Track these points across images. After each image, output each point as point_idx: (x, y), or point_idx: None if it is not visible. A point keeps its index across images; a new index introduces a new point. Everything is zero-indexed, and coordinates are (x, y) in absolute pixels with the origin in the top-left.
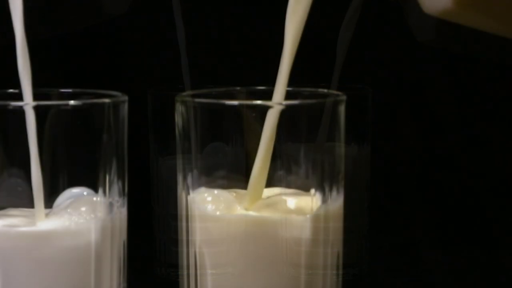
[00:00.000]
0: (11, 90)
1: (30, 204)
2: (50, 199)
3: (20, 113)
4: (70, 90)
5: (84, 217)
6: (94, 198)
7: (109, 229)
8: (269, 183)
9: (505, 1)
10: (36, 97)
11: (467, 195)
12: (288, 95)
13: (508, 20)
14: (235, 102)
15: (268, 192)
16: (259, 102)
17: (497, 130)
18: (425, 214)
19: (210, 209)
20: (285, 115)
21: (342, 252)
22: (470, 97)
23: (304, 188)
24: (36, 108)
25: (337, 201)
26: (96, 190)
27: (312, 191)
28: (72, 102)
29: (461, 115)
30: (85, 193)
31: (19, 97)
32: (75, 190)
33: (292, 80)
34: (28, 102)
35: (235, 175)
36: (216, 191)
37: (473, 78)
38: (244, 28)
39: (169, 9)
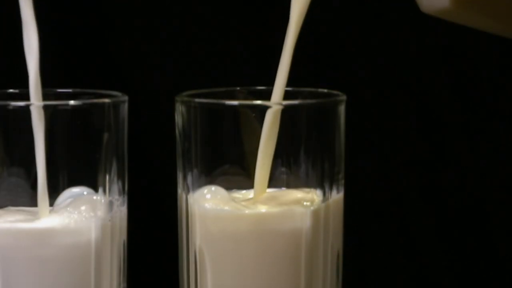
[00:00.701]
0: (11, 90)
1: (30, 202)
2: (50, 198)
3: (21, 112)
4: (70, 90)
5: (84, 216)
6: (94, 197)
7: (109, 228)
8: (270, 183)
9: (503, 0)
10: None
11: (467, 195)
12: (288, 95)
13: (507, 20)
14: (235, 102)
15: (270, 193)
16: (259, 102)
17: (497, 130)
18: (425, 213)
19: (210, 207)
20: (285, 115)
21: (342, 252)
22: (470, 97)
23: (304, 187)
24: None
25: (337, 201)
26: (96, 190)
27: (312, 189)
28: (72, 102)
29: (461, 115)
30: (85, 192)
31: (19, 97)
32: (76, 190)
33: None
34: (33, 102)
35: (235, 175)
36: (214, 188)
37: (473, 78)
38: (244, 27)
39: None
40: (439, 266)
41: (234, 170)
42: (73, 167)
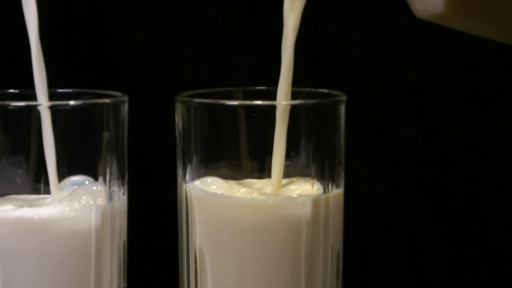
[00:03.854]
0: (11, 90)
1: (30, 191)
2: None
3: (21, 112)
4: (70, 90)
5: (83, 205)
6: (94, 188)
7: (109, 218)
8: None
9: (496, 5)
10: (35, 97)
11: (467, 194)
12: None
13: (501, 25)
14: (235, 102)
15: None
16: (259, 102)
17: (497, 130)
18: (425, 213)
19: (209, 195)
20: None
21: (342, 253)
22: (470, 97)
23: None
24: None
25: (337, 195)
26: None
27: (313, 184)
28: (72, 102)
29: (461, 115)
30: (86, 182)
31: (18, 97)
32: (75, 178)
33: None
34: (42, 103)
35: (235, 174)
36: (209, 179)
37: (473, 78)
38: (244, 27)
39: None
40: (439, 265)
41: (233, 169)
42: (73, 167)
